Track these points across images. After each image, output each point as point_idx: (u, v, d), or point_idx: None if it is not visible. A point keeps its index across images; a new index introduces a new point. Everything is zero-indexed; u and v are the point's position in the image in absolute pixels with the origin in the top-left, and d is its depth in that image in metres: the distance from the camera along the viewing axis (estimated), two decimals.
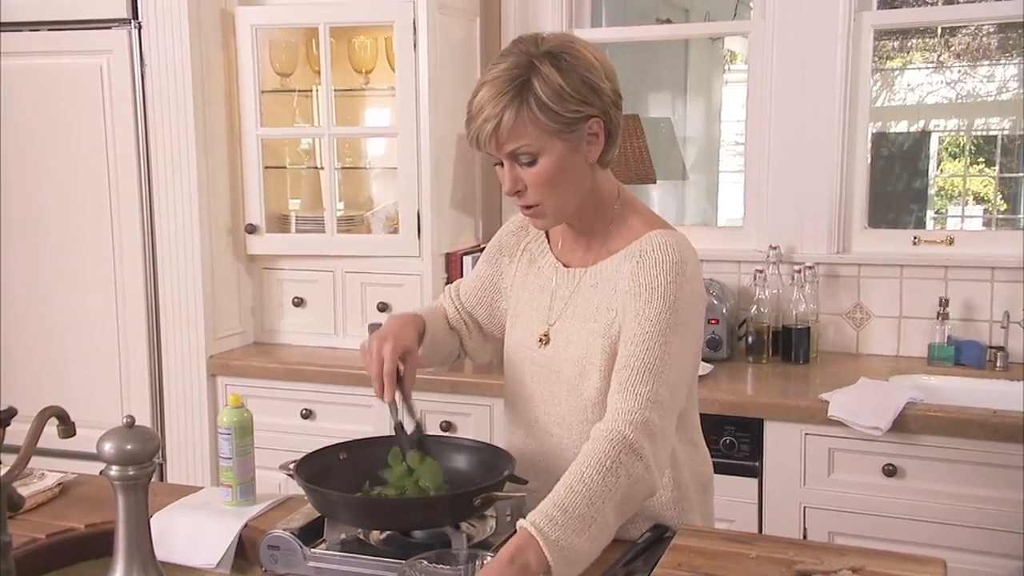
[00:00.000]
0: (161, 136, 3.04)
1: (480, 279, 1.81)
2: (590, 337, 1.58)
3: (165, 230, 3.07)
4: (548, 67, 1.46)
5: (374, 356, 1.56)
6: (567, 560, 1.29)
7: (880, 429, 2.39)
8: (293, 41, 3.23)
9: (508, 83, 1.46)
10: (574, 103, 1.47)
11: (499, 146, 1.49)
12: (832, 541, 2.51)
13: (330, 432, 2.96)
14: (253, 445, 1.80)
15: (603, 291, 1.59)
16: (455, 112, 3.19)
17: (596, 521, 1.34)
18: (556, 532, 1.29)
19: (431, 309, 1.82)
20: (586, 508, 1.33)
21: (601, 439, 1.41)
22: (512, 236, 1.78)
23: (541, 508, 1.32)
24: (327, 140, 3.10)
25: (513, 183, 1.53)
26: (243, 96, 3.13)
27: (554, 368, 1.63)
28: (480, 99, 1.48)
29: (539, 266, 1.71)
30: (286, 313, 3.27)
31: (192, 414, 3.12)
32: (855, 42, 2.98)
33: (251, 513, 1.74)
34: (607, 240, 1.63)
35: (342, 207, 3.26)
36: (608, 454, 1.38)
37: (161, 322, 3.12)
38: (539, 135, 1.48)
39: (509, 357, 1.73)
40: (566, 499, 1.34)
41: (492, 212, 3.40)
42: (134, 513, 1.26)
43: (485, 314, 1.80)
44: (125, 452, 1.23)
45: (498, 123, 1.46)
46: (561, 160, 1.50)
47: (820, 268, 3.02)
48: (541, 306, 1.68)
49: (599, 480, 1.36)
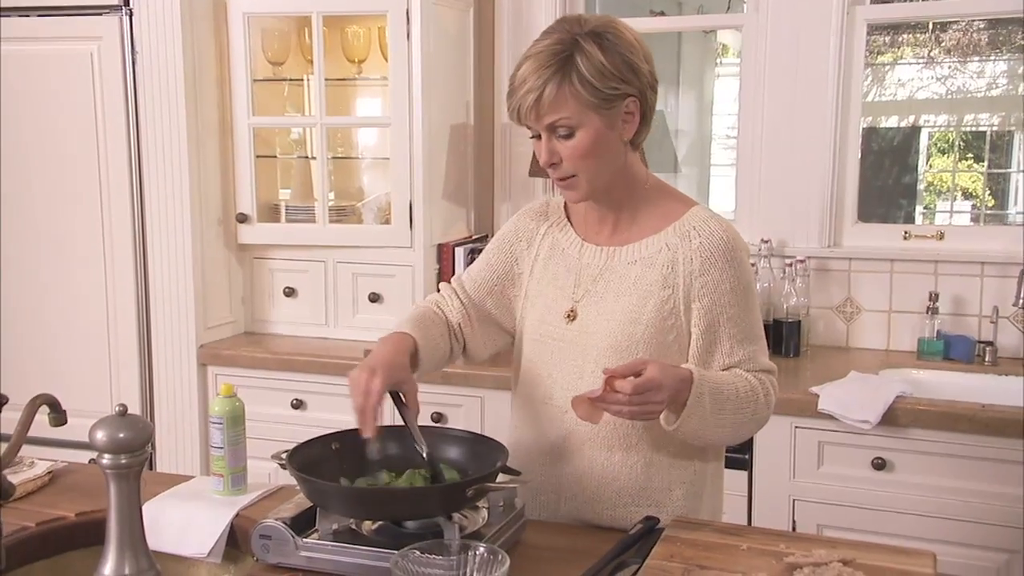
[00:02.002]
0: (152, 124, 3.02)
1: (491, 267, 1.80)
2: (625, 311, 1.62)
3: (156, 219, 3.05)
4: (591, 45, 1.52)
5: (361, 387, 1.50)
6: (692, 413, 1.52)
7: (870, 422, 2.40)
8: (285, 30, 3.21)
9: (552, 57, 1.52)
10: (614, 80, 1.53)
11: (539, 117, 1.54)
12: (821, 534, 2.53)
13: (320, 422, 2.95)
14: (245, 434, 1.80)
15: (646, 268, 1.63)
16: (448, 102, 3.19)
17: (722, 413, 1.56)
18: (705, 390, 1.53)
19: (419, 316, 1.75)
20: (724, 403, 1.55)
21: (747, 374, 1.61)
22: (531, 221, 1.79)
23: (705, 375, 1.54)
24: (319, 130, 3.08)
25: (550, 155, 1.58)
26: (235, 85, 3.11)
27: (580, 343, 1.65)
28: (523, 72, 1.54)
29: (563, 248, 1.73)
30: (277, 303, 3.26)
31: (182, 403, 3.11)
32: (848, 36, 2.99)
33: (242, 502, 1.74)
34: (636, 218, 1.68)
35: (332, 197, 3.25)
36: (752, 384, 1.60)
37: (152, 311, 3.11)
38: (578, 109, 1.53)
39: (527, 337, 1.73)
40: (722, 384, 1.56)
41: (484, 203, 3.40)
42: (126, 502, 1.25)
43: (495, 303, 1.79)
44: (118, 440, 1.23)
45: (540, 95, 1.52)
46: (598, 135, 1.55)
47: (811, 262, 3.02)
48: (567, 284, 1.70)
49: (743, 394, 1.58)
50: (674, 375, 1.50)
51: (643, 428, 1.64)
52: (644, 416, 1.51)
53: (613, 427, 1.64)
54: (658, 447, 1.66)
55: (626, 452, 1.65)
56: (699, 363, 1.62)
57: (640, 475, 1.66)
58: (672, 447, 1.66)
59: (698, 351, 1.62)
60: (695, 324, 1.62)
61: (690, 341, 1.63)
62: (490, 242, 1.84)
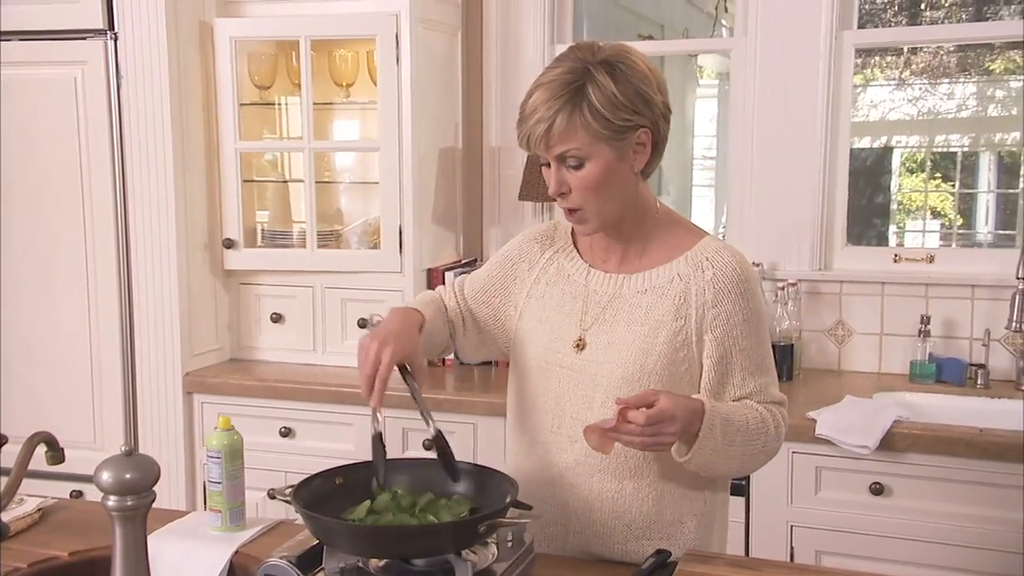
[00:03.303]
0: (137, 149, 2.98)
1: (491, 279, 1.79)
2: (637, 340, 1.60)
3: (141, 245, 3.00)
4: (603, 75, 1.51)
5: (371, 357, 1.51)
6: (704, 445, 1.51)
7: (868, 448, 2.39)
8: (272, 53, 3.18)
9: (563, 87, 1.50)
10: (626, 112, 1.51)
11: (548, 147, 1.53)
12: (819, 561, 2.51)
13: (310, 451, 2.92)
14: (243, 468, 1.76)
15: (657, 298, 1.61)
16: (437, 126, 3.17)
17: (732, 445, 1.54)
18: (716, 422, 1.51)
19: (428, 300, 1.77)
20: (734, 435, 1.54)
21: (758, 406, 1.60)
22: (535, 245, 1.77)
23: (717, 407, 1.53)
24: (306, 154, 3.05)
25: (558, 185, 1.56)
26: (221, 109, 3.08)
27: (590, 372, 1.63)
28: (534, 101, 1.53)
29: (568, 274, 1.71)
30: (264, 329, 3.21)
31: (168, 433, 3.05)
32: (836, 60, 3.00)
33: (241, 539, 1.70)
34: (646, 248, 1.66)
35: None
36: (763, 416, 1.59)
37: (136, 338, 3.05)
38: (589, 140, 1.51)
39: (533, 364, 1.70)
40: (733, 416, 1.54)
41: (473, 227, 3.37)
42: (132, 545, 1.21)
43: (488, 315, 1.78)
44: (124, 481, 1.19)
45: (550, 125, 1.50)
46: (608, 166, 1.54)
47: (802, 285, 3.02)
48: (573, 312, 1.67)
49: (753, 426, 1.57)
50: (686, 406, 1.48)
51: (654, 459, 1.62)
52: (656, 448, 1.49)
53: (624, 458, 1.62)
54: (669, 478, 1.63)
55: (637, 483, 1.63)
56: (711, 394, 1.60)
57: (651, 508, 1.63)
58: (683, 478, 1.64)
59: (710, 382, 1.61)
60: (707, 355, 1.60)
61: (701, 372, 1.61)
62: (495, 255, 1.83)
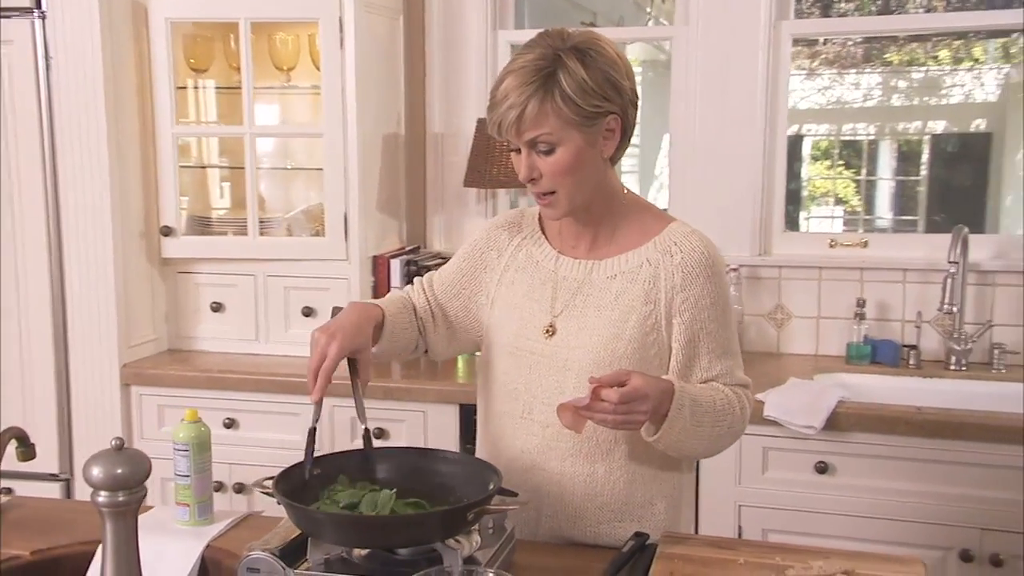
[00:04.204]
0: (69, 134, 2.87)
1: (460, 272, 1.79)
2: (607, 326, 1.62)
3: (73, 233, 2.90)
4: (574, 61, 1.52)
5: (318, 350, 1.53)
6: (673, 425, 1.53)
7: (814, 428, 2.46)
8: (208, 35, 3.11)
9: (534, 73, 1.52)
10: (596, 98, 1.53)
11: (519, 133, 1.54)
12: (766, 538, 2.58)
13: (256, 442, 2.88)
14: (211, 461, 1.73)
15: (627, 283, 1.63)
16: (381, 112, 3.14)
17: (700, 426, 1.57)
18: (686, 402, 1.54)
19: (392, 299, 1.78)
20: (702, 416, 1.56)
21: (724, 388, 1.63)
22: (503, 232, 1.78)
23: (685, 387, 1.55)
24: (248, 139, 2.99)
25: (529, 170, 1.58)
26: (157, 92, 2.99)
27: (561, 357, 1.64)
28: (506, 87, 1.53)
29: (536, 260, 1.72)
30: (203, 319, 3.14)
31: (104, 426, 2.96)
32: (775, 50, 3.06)
33: (211, 533, 1.67)
34: (615, 234, 1.68)
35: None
36: (730, 397, 1.62)
37: (69, 330, 2.95)
38: (560, 126, 1.53)
39: (503, 351, 1.71)
40: (701, 397, 1.57)
41: (416, 214, 3.35)
42: (123, 542, 1.18)
43: (460, 308, 1.78)
44: (115, 477, 1.16)
45: (522, 111, 1.51)
46: (578, 152, 1.56)
47: (743, 270, 3.09)
48: (543, 298, 1.69)
49: (720, 407, 1.60)
50: (657, 386, 1.51)
51: (624, 441, 1.65)
52: (628, 426, 1.52)
53: (595, 441, 1.64)
54: (640, 460, 1.66)
55: (608, 466, 1.65)
56: (678, 377, 1.63)
57: (623, 490, 1.66)
58: (653, 460, 1.66)
59: (678, 365, 1.64)
60: (675, 338, 1.63)
61: (670, 355, 1.64)
62: (461, 247, 1.84)
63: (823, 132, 11.59)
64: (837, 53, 10.21)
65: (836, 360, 3.03)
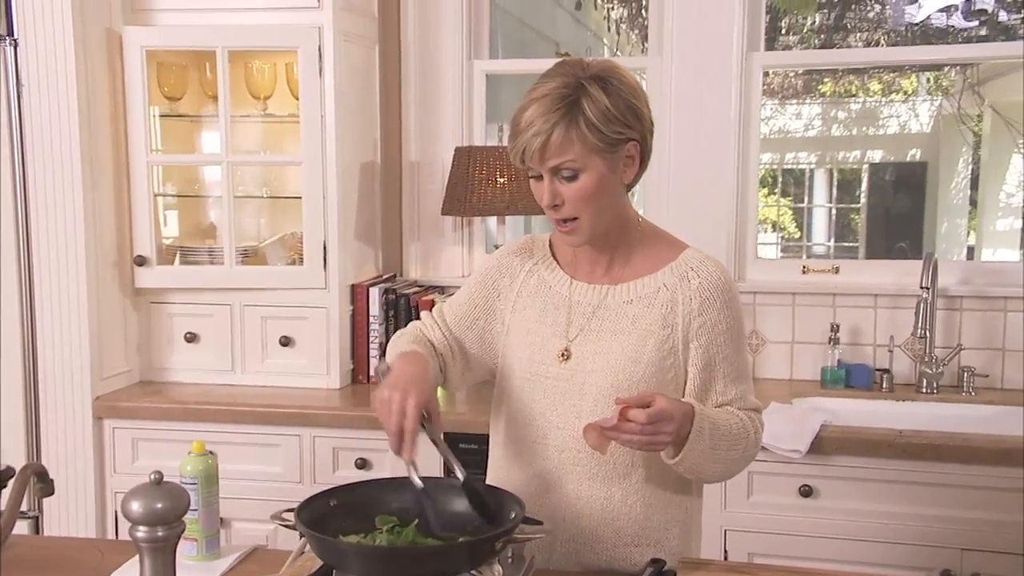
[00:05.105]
0: (41, 162, 2.82)
1: (472, 302, 1.79)
2: (625, 349, 1.63)
3: (45, 263, 2.84)
4: (596, 89, 1.55)
5: (395, 409, 1.47)
6: (693, 447, 1.54)
7: (800, 452, 2.49)
8: (183, 64, 3.08)
9: (559, 101, 1.54)
10: (618, 125, 1.55)
11: (543, 160, 1.56)
12: (751, 562, 2.60)
13: (234, 474, 2.82)
14: (219, 494, 1.70)
15: (644, 307, 1.65)
16: (358, 141, 3.13)
17: (717, 449, 1.58)
18: (705, 425, 1.55)
19: (415, 338, 1.76)
20: (720, 439, 1.58)
21: (739, 411, 1.65)
22: (515, 258, 1.78)
23: (704, 410, 1.57)
24: (225, 168, 2.96)
25: (552, 196, 1.59)
26: (132, 121, 2.95)
27: (577, 381, 1.65)
28: (530, 115, 1.55)
29: (549, 285, 1.73)
30: (176, 350, 3.09)
31: (76, 460, 2.89)
32: (747, 80, 3.13)
33: (221, 568, 1.65)
34: (630, 259, 1.70)
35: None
36: (744, 421, 1.64)
37: (39, 362, 2.88)
38: (584, 152, 1.55)
39: (518, 376, 1.71)
40: (718, 420, 1.59)
41: (392, 243, 3.34)
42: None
43: (475, 338, 1.78)
44: (155, 511, 1.13)
45: (547, 138, 1.53)
46: (601, 178, 1.58)
47: None
48: (557, 323, 1.69)
49: (736, 430, 1.61)
50: (679, 408, 1.53)
51: (641, 464, 1.66)
52: (653, 447, 1.52)
53: (612, 464, 1.65)
54: (655, 484, 1.67)
55: (624, 489, 1.66)
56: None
57: (639, 513, 1.66)
58: (668, 484, 1.68)
59: (694, 389, 1.65)
60: (692, 363, 1.65)
61: (686, 379, 1.66)
62: (472, 276, 1.83)
63: (766, 161, 11.78)
64: (780, 84, 10.45)
65: (811, 384, 3.08)
